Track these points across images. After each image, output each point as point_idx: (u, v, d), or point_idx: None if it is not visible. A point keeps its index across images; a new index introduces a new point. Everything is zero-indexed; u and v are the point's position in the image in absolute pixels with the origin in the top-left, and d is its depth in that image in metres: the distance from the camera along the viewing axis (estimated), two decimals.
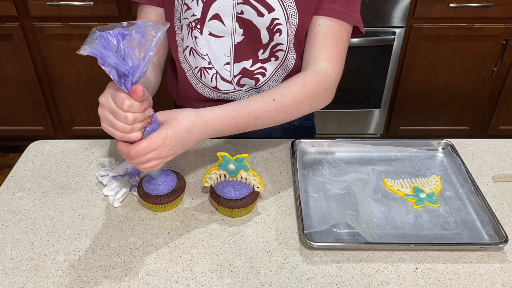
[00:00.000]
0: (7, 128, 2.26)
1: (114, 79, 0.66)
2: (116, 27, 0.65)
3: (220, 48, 0.94)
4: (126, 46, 0.65)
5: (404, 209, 0.84)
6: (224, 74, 0.97)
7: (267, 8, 0.88)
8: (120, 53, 0.65)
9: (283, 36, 0.91)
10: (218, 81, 0.98)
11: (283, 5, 0.88)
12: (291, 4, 0.88)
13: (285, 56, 0.95)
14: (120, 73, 0.66)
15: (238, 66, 0.96)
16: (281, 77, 0.99)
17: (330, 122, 2.23)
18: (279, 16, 0.89)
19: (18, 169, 0.94)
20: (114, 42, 0.65)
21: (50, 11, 1.92)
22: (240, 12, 0.89)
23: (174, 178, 0.84)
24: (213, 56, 0.95)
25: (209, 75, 0.98)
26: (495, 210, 0.83)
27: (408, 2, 1.90)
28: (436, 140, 0.99)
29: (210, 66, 0.97)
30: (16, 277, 0.71)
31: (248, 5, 0.88)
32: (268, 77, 0.98)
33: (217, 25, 0.91)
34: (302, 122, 1.11)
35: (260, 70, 0.97)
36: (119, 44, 0.65)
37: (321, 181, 0.89)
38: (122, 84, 0.67)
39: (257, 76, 0.97)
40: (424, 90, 2.14)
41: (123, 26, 0.65)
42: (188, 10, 0.91)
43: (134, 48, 0.65)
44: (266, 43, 0.93)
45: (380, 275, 0.72)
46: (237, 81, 0.98)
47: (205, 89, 1.01)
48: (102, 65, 0.65)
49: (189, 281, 0.71)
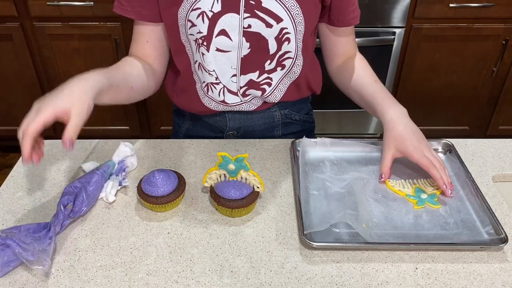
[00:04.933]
0: (7, 128, 2.26)
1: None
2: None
3: (227, 61, 0.94)
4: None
5: (404, 209, 0.84)
6: (231, 86, 0.98)
7: (275, 19, 0.88)
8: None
9: (291, 44, 0.92)
10: (226, 95, 0.99)
11: (290, 15, 0.88)
12: (297, 12, 0.88)
13: (292, 63, 0.97)
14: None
15: (244, 78, 0.96)
16: (286, 85, 1.00)
17: (330, 122, 2.23)
18: (288, 25, 0.89)
19: (18, 169, 0.94)
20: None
21: (50, 11, 1.92)
22: (247, 26, 0.89)
23: (174, 178, 0.84)
24: (220, 71, 0.95)
25: (216, 90, 0.98)
26: (495, 210, 0.83)
27: (408, 2, 1.90)
28: (436, 140, 0.99)
29: (218, 82, 0.97)
30: (16, 277, 0.71)
31: (255, 17, 0.88)
32: (274, 86, 0.99)
33: (224, 40, 0.91)
34: (303, 116, 1.12)
35: (266, 81, 0.97)
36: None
37: (322, 178, 0.89)
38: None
39: (263, 87, 0.98)
40: (424, 90, 2.14)
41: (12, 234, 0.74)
42: (193, 27, 0.90)
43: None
44: (273, 53, 0.93)
45: (380, 275, 0.72)
46: (243, 92, 0.98)
47: (211, 103, 1.01)
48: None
49: (189, 281, 0.71)
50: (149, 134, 2.30)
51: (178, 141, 1.02)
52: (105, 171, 0.87)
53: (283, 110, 1.07)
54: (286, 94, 1.02)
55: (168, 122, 2.25)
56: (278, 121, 1.08)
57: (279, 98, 1.02)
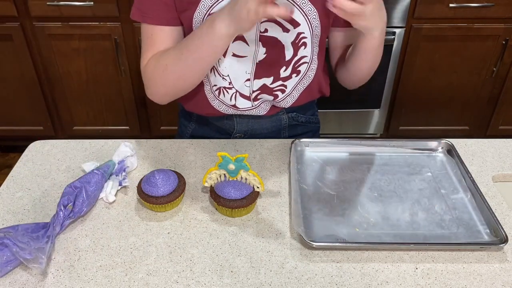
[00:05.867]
0: (7, 128, 2.26)
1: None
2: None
3: (242, 67, 0.94)
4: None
5: (400, 208, 0.84)
6: (243, 91, 0.97)
7: (292, 24, 0.88)
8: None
9: (307, 49, 0.92)
10: (237, 99, 0.98)
11: (307, 19, 0.88)
12: (314, 17, 0.88)
13: (308, 67, 0.97)
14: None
15: (258, 82, 0.96)
16: (300, 91, 1.00)
17: (330, 122, 2.23)
18: (305, 30, 0.90)
19: (18, 169, 0.94)
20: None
21: (50, 11, 1.92)
22: (264, 31, 0.89)
23: (174, 178, 0.84)
24: (234, 76, 0.95)
25: (228, 94, 0.98)
26: (495, 210, 0.83)
27: (408, 2, 1.90)
28: (436, 140, 0.99)
29: (230, 86, 0.97)
30: (16, 277, 0.72)
31: (272, 22, 0.88)
32: (287, 93, 0.99)
33: (241, 46, 0.91)
34: (309, 117, 1.12)
35: (280, 88, 0.97)
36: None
37: (315, 181, 0.89)
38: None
39: (276, 93, 0.98)
40: (424, 90, 2.14)
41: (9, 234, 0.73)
42: None
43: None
44: (289, 59, 0.93)
45: (380, 275, 0.72)
46: (255, 96, 0.98)
47: (221, 106, 1.01)
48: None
49: (189, 281, 0.71)
50: (149, 134, 2.30)
51: (178, 141, 1.02)
52: (105, 171, 0.87)
53: (290, 113, 1.07)
54: (298, 99, 1.02)
55: (168, 122, 2.25)
56: (285, 124, 1.08)
57: (290, 103, 1.02)
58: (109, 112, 2.21)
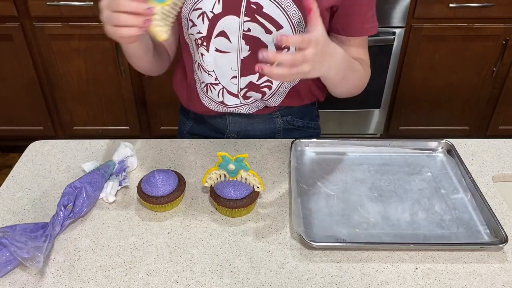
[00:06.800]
0: (7, 128, 2.26)
1: None
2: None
3: (227, 63, 0.94)
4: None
5: (400, 208, 0.84)
6: (231, 88, 0.98)
7: (275, 26, 0.88)
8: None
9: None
10: (225, 96, 0.99)
11: (291, 22, 0.87)
12: (299, 21, 0.87)
13: None
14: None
15: (245, 80, 0.96)
16: (287, 89, 1.00)
17: (330, 122, 2.23)
18: (287, 33, 0.88)
19: (18, 169, 0.94)
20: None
21: (50, 11, 1.92)
22: (247, 30, 0.89)
23: (174, 178, 0.84)
24: (220, 72, 0.95)
25: (215, 91, 0.99)
26: (495, 210, 0.83)
27: (408, 2, 1.90)
28: (435, 140, 0.99)
29: (217, 82, 0.97)
30: (16, 277, 0.72)
31: (255, 22, 0.88)
32: (274, 90, 0.99)
33: (224, 42, 0.91)
34: (307, 122, 1.11)
35: (267, 84, 0.97)
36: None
37: (315, 181, 0.89)
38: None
39: (264, 90, 0.98)
40: (424, 90, 2.14)
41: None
42: (193, 27, 0.91)
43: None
44: None
45: (380, 275, 0.72)
46: (244, 94, 0.98)
47: (211, 103, 1.02)
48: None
49: (189, 281, 0.71)
50: (149, 134, 2.30)
51: (178, 141, 1.03)
52: (105, 171, 0.87)
53: (285, 116, 1.07)
54: (287, 98, 1.02)
55: (168, 122, 2.25)
56: (279, 127, 1.08)
57: (279, 102, 1.01)
58: (109, 112, 2.21)
